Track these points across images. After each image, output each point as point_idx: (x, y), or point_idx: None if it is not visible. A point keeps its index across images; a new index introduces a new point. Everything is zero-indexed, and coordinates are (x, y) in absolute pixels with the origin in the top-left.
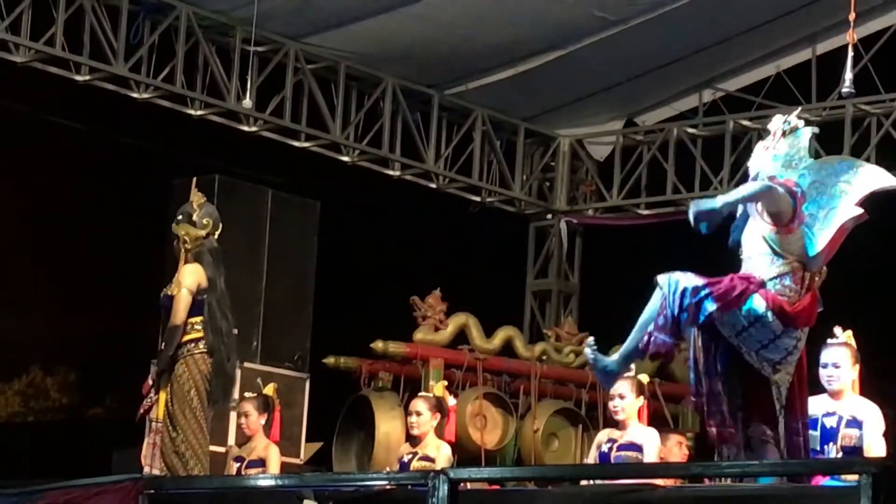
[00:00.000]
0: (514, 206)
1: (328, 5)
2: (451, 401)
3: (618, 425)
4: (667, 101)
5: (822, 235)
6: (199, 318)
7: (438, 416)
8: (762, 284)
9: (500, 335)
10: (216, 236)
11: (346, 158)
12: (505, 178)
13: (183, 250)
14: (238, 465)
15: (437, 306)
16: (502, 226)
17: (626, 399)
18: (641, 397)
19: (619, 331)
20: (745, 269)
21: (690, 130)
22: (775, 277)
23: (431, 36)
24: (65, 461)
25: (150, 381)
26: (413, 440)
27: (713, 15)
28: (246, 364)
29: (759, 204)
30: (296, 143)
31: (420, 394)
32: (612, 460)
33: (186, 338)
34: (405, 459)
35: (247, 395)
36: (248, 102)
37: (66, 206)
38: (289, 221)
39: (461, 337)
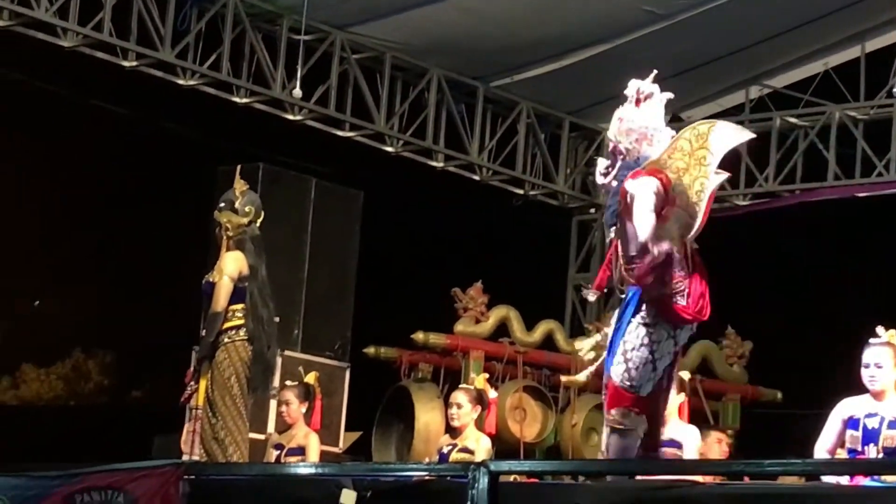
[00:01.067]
0: (557, 200)
1: None
2: (491, 393)
3: None
4: (713, 97)
5: (698, 211)
6: (240, 306)
7: (479, 408)
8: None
9: (541, 328)
10: (258, 224)
11: (390, 149)
12: (548, 171)
13: (225, 237)
14: (278, 452)
15: (478, 298)
16: (545, 219)
17: None
18: (682, 394)
19: None
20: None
21: None
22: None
23: (478, 28)
24: (106, 445)
25: (193, 370)
26: (453, 432)
27: (762, 11)
28: (287, 352)
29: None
30: (340, 133)
31: (461, 386)
32: None
33: (227, 325)
34: (444, 451)
35: (288, 383)
36: (297, 91)
37: (109, 191)
38: (332, 211)
39: (502, 329)
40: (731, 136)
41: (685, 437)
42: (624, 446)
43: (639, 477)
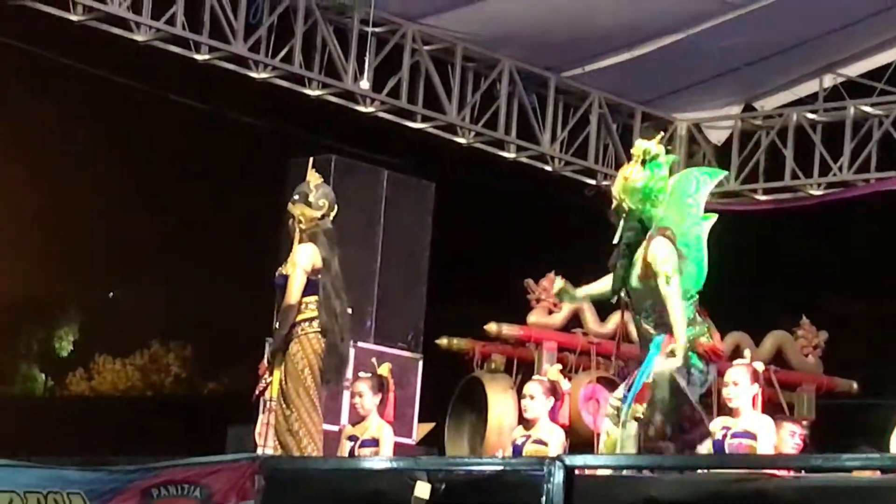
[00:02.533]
0: None
1: None
2: (564, 384)
3: (732, 413)
4: (786, 86)
5: (700, 260)
6: (313, 298)
7: (552, 399)
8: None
9: (615, 319)
10: (331, 217)
11: (461, 140)
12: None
13: (298, 230)
14: (351, 444)
15: (550, 289)
16: None
17: (740, 386)
18: (756, 384)
19: (734, 315)
20: (645, 320)
21: (810, 116)
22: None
23: (549, 18)
24: (180, 436)
25: (266, 363)
26: (526, 423)
27: (834, 0)
28: (360, 344)
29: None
30: (412, 125)
31: (534, 377)
32: (726, 448)
33: (300, 317)
34: (518, 442)
35: (361, 374)
36: (365, 83)
37: (183, 184)
38: (404, 202)
39: (575, 320)
40: (705, 179)
41: (760, 429)
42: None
43: None
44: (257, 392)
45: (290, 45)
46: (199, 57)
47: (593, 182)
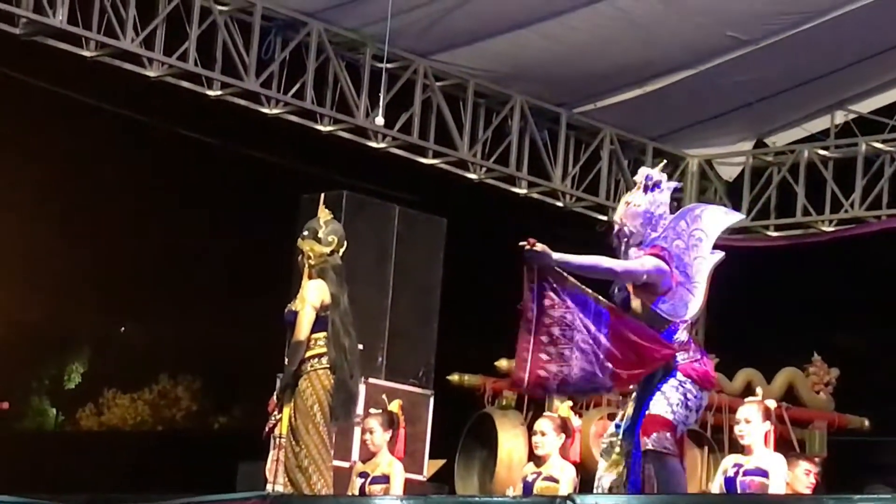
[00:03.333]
0: None
1: (458, 23)
2: (575, 421)
3: (744, 450)
4: (798, 122)
5: (698, 289)
6: (322, 335)
7: (563, 436)
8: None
9: None
10: (341, 254)
11: (473, 176)
12: None
13: (307, 266)
14: (362, 481)
15: None
16: None
17: (752, 423)
18: (768, 422)
19: (745, 351)
20: None
21: (822, 152)
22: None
23: (560, 54)
24: (190, 472)
25: (276, 399)
26: (537, 460)
27: (846, 35)
28: (370, 380)
29: (626, 280)
30: (423, 160)
31: (545, 413)
32: (738, 486)
33: (310, 354)
34: (529, 479)
35: (371, 411)
36: (380, 119)
37: (194, 219)
38: (415, 238)
39: None
40: (723, 218)
41: (772, 466)
42: (672, 469)
43: None
44: (267, 429)
45: (302, 80)
46: (211, 93)
47: (604, 218)
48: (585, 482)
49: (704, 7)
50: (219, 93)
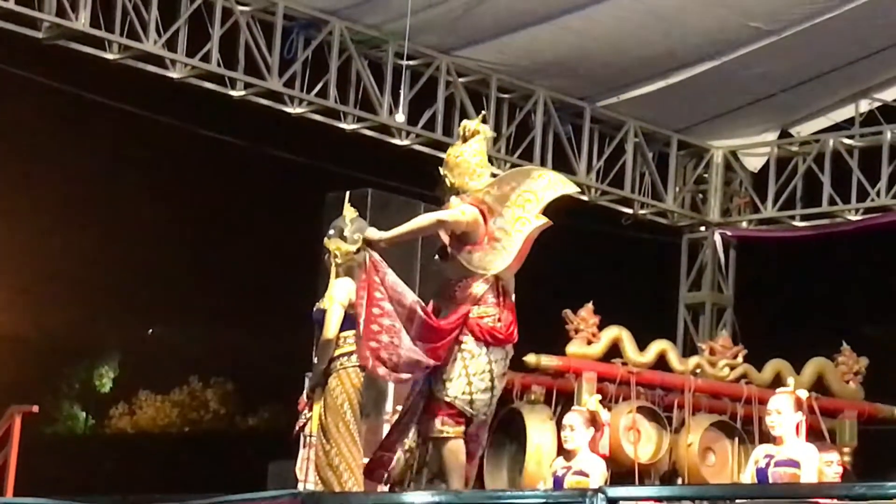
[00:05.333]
0: (666, 218)
1: (480, 18)
2: (604, 415)
3: (775, 441)
4: (822, 112)
5: (511, 248)
6: (351, 332)
7: (592, 430)
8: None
9: (654, 348)
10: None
11: (498, 171)
12: (657, 190)
13: (334, 265)
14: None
15: (589, 319)
16: (654, 238)
17: (783, 414)
18: (799, 412)
19: (774, 342)
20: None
21: (847, 141)
22: (479, 300)
23: (583, 48)
24: (221, 472)
25: (305, 398)
26: (566, 454)
27: (869, 24)
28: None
29: (441, 230)
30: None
31: (574, 408)
32: (770, 476)
33: (338, 352)
34: (559, 474)
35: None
36: (400, 117)
37: (221, 219)
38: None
39: (614, 350)
40: (558, 186)
41: (803, 457)
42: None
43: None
44: (297, 428)
45: (325, 79)
46: (234, 93)
47: (630, 211)
48: (615, 476)
49: None
50: (242, 93)
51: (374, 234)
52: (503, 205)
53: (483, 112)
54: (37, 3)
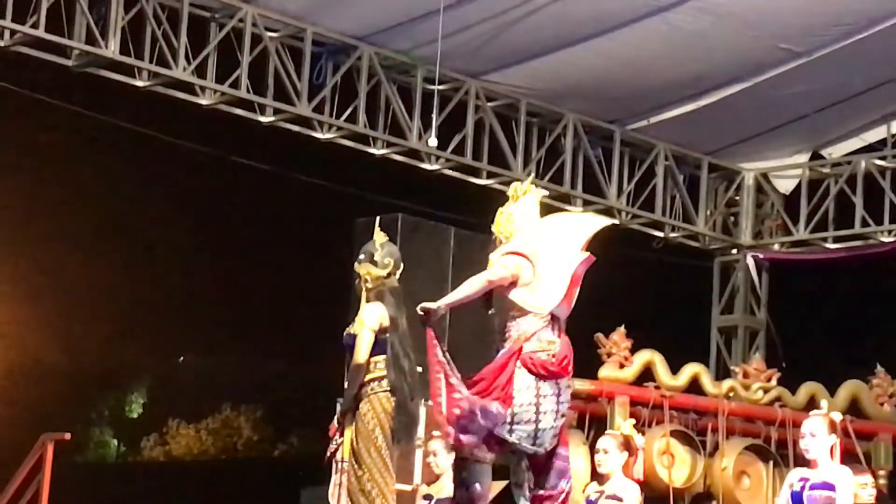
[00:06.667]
0: (698, 241)
1: (509, 42)
2: (638, 439)
3: (809, 464)
4: (854, 133)
5: (560, 285)
6: (381, 357)
7: (626, 454)
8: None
9: (687, 372)
10: (397, 276)
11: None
12: (688, 213)
13: (364, 289)
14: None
15: (621, 343)
16: (686, 261)
17: (817, 437)
18: (833, 435)
19: (808, 365)
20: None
21: (879, 162)
22: (532, 336)
23: (612, 71)
24: (255, 500)
25: (336, 424)
26: (600, 478)
27: None
28: (430, 402)
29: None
30: (477, 181)
31: (607, 431)
32: (805, 500)
33: (369, 377)
34: (592, 498)
35: (434, 433)
36: (433, 141)
37: (251, 246)
38: (471, 259)
39: (647, 374)
40: (594, 222)
41: (838, 480)
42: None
43: None
44: (328, 454)
45: (354, 105)
46: (263, 119)
47: (661, 234)
48: (649, 500)
49: (755, 20)
50: (271, 119)
51: (438, 308)
52: (546, 246)
53: (531, 175)
54: (67, 30)
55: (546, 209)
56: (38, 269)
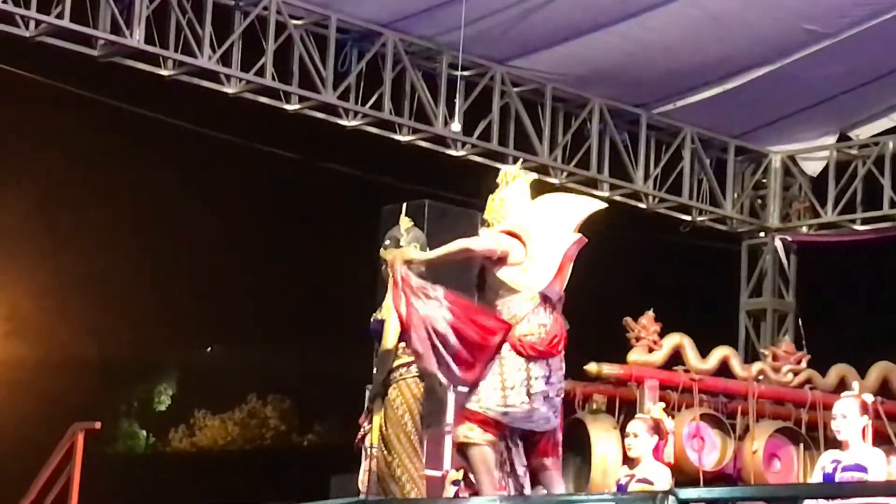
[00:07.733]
0: (725, 225)
1: (533, 28)
2: (668, 423)
3: (840, 446)
4: (884, 113)
5: (551, 265)
6: None
7: (656, 437)
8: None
9: (716, 355)
10: None
11: (554, 180)
12: (716, 197)
13: (391, 275)
14: (455, 488)
15: (650, 327)
16: (714, 244)
17: (848, 418)
18: (865, 416)
19: (838, 347)
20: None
21: None
22: (523, 319)
23: (638, 55)
24: (284, 488)
25: (366, 409)
26: (630, 462)
27: None
28: (459, 388)
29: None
30: (504, 167)
31: (637, 415)
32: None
33: (398, 362)
34: (623, 482)
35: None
36: (456, 126)
37: (277, 234)
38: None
39: (676, 358)
40: (587, 205)
41: (871, 461)
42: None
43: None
44: (357, 440)
45: (380, 91)
46: (289, 107)
47: (688, 218)
48: (679, 483)
49: (781, 2)
50: (297, 107)
51: (410, 258)
52: (538, 227)
53: (521, 160)
54: (92, 20)
55: (575, 194)
56: (67, 262)
